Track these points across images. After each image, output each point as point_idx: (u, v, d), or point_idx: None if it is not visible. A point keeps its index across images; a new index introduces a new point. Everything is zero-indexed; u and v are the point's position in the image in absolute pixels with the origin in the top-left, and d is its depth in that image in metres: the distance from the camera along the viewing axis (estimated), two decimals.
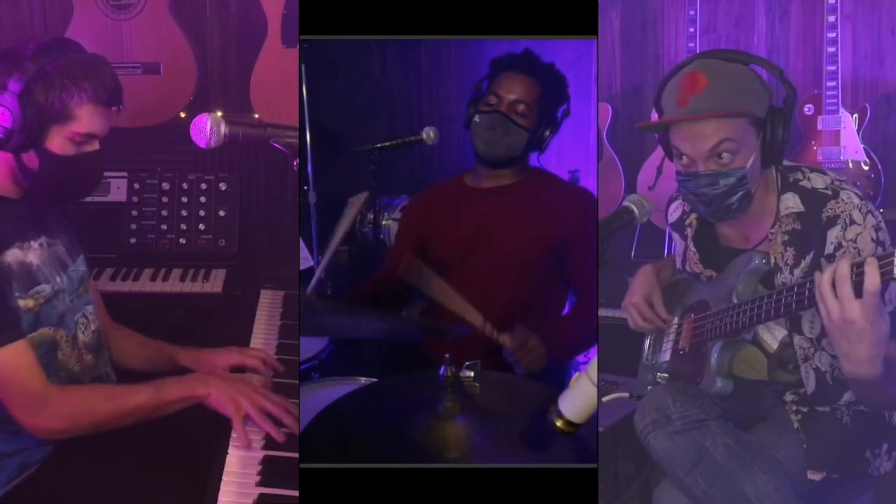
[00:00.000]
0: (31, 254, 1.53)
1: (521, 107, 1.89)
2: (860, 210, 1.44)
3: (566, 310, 2.08)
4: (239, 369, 1.71)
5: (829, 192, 1.47)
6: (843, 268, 1.21)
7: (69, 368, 1.59)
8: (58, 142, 1.48)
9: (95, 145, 1.54)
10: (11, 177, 1.53)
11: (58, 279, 1.59)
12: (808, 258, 1.47)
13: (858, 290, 1.19)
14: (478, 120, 1.91)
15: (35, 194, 1.56)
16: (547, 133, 1.95)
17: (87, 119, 1.48)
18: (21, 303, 1.48)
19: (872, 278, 1.17)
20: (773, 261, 1.52)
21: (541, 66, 1.93)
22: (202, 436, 1.47)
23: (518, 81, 1.90)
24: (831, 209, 1.45)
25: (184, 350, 1.76)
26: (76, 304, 1.64)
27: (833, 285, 1.22)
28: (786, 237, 1.50)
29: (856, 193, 1.47)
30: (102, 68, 1.51)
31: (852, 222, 1.43)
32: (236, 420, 1.44)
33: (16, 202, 1.55)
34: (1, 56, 1.46)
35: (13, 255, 1.49)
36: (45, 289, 1.54)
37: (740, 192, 1.46)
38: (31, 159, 1.49)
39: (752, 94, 1.46)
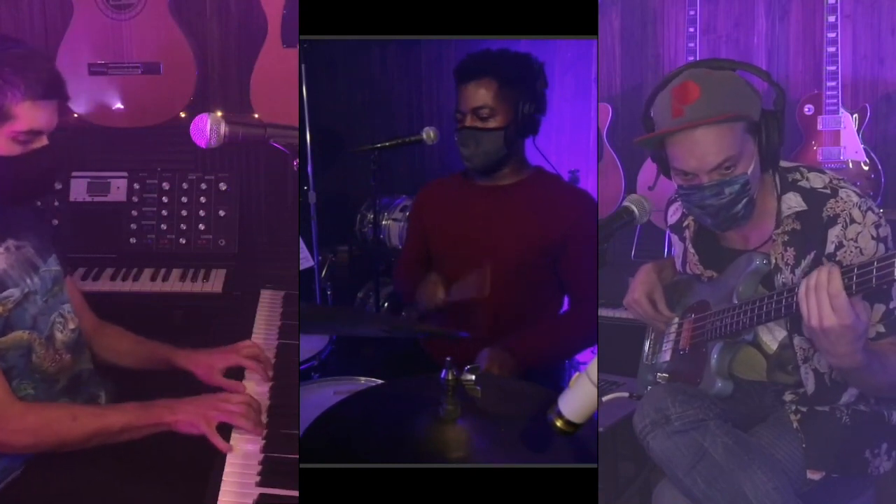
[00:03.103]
0: None
1: (483, 111, 1.85)
2: (860, 208, 1.44)
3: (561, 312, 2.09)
4: (237, 370, 1.71)
5: (828, 191, 1.48)
6: (821, 276, 1.26)
7: (44, 370, 1.57)
8: (1, 143, 1.44)
9: (43, 141, 1.50)
10: None
11: (28, 281, 1.56)
12: (810, 258, 1.47)
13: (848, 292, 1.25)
14: (456, 139, 1.91)
15: None
16: (527, 111, 1.87)
17: (26, 116, 1.43)
18: None
19: (834, 282, 1.25)
20: (773, 261, 1.52)
21: (489, 60, 1.87)
22: (202, 435, 1.46)
23: (471, 89, 1.85)
24: (831, 208, 1.46)
25: (181, 351, 1.75)
26: (51, 304, 1.62)
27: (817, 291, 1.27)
28: (786, 237, 1.51)
29: (854, 191, 1.47)
30: (35, 62, 1.46)
31: (852, 221, 1.44)
32: (210, 434, 1.43)
33: None
34: None
35: None
36: (14, 293, 1.51)
37: (745, 199, 1.47)
38: None
39: (745, 98, 1.46)
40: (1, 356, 1.49)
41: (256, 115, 2.70)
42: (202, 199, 2.62)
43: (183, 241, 2.58)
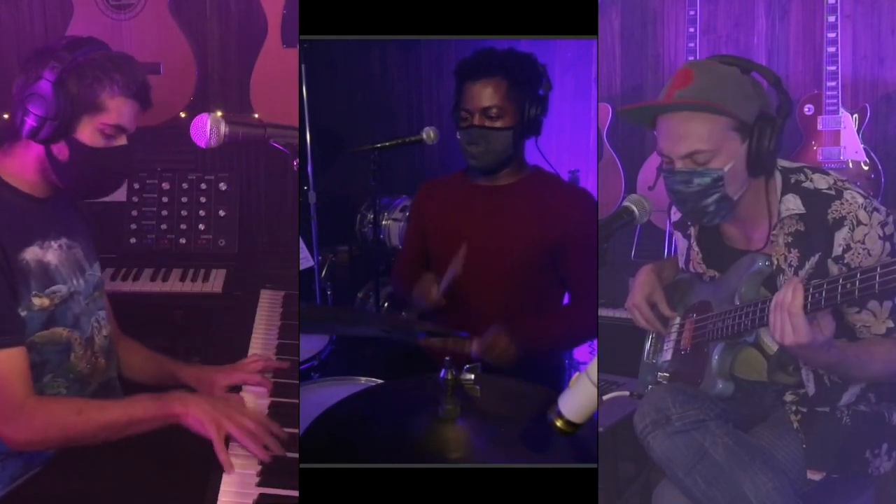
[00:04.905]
0: (50, 253, 1.55)
1: (493, 111, 1.85)
2: (865, 209, 1.44)
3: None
4: (240, 388, 1.69)
5: (833, 193, 1.47)
6: (786, 295, 1.32)
7: (79, 370, 1.59)
8: (88, 132, 1.50)
9: (124, 140, 1.56)
10: (41, 172, 1.54)
11: (74, 281, 1.59)
12: (814, 259, 1.47)
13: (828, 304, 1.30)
14: (459, 137, 1.91)
15: (64, 187, 1.57)
16: (533, 113, 1.89)
17: (116, 110, 1.51)
18: (36, 301, 1.49)
19: (796, 301, 1.30)
20: (776, 262, 1.52)
21: (498, 60, 1.87)
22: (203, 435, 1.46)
23: (480, 88, 1.85)
24: (836, 210, 1.45)
25: (186, 366, 1.75)
26: (91, 308, 1.64)
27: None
28: (789, 238, 1.50)
29: (859, 192, 1.46)
30: (133, 65, 1.55)
31: (859, 223, 1.43)
32: (217, 441, 1.38)
33: (41, 201, 1.57)
34: (36, 52, 1.50)
35: (32, 252, 1.51)
36: (62, 289, 1.55)
37: (716, 195, 1.46)
38: (61, 152, 1.51)
39: (738, 97, 1.45)
40: (37, 350, 1.50)
41: (256, 115, 2.70)
42: (202, 199, 2.62)
43: (183, 241, 2.58)
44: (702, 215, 1.51)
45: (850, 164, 2.70)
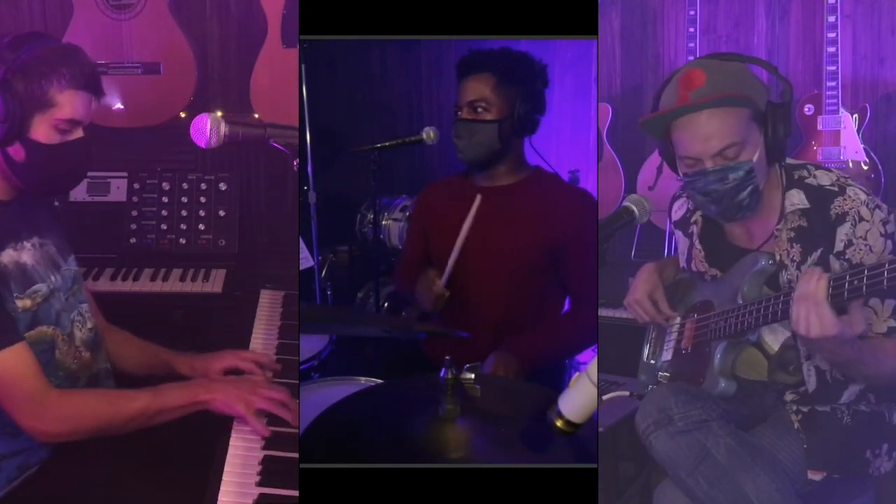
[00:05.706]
0: (24, 254, 1.54)
1: (479, 104, 1.86)
2: (867, 206, 1.44)
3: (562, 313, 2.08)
4: (234, 372, 1.71)
5: (836, 189, 1.48)
6: (810, 286, 1.30)
7: (66, 367, 1.59)
8: (42, 130, 1.48)
9: (80, 133, 1.54)
10: (0, 175, 1.53)
11: (52, 278, 1.59)
12: (816, 255, 1.47)
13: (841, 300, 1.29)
14: (452, 133, 1.92)
15: (24, 188, 1.55)
16: (525, 110, 1.88)
17: (68, 104, 1.48)
18: (19, 303, 1.49)
19: (820, 290, 1.28)
20: (778, 258, 1.52)
21: (489, 56, 1.89)
22: (202, 435, 1.47)
23: (469, 83, 1.88)
24: (839, 206, 1.46)
25: (180, 356, 1.76)
26: (71, 303, 1.64)
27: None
28: (791, 234, 1.50)
29: (861, 189, 1.47)
30: (79, 55, 1.52)
31: (861, 219, 1.44)
32: (249, 416, 1.46)
33: (6, 203, 1.55)
34: None
35: (8, 255, 1.50)
36: (42, 288, 1.54)
37: (750, 187, 1.47)
38: (17, 153, 1.49)
39: (750, 85, 1.46)
40: None
41: (256, 115, 2.70)
42: (202, 199, 2.61)
43: (183, 241, 2.58)
44: (737, 210, 1.50)
45: (850, 164, 2.70)
